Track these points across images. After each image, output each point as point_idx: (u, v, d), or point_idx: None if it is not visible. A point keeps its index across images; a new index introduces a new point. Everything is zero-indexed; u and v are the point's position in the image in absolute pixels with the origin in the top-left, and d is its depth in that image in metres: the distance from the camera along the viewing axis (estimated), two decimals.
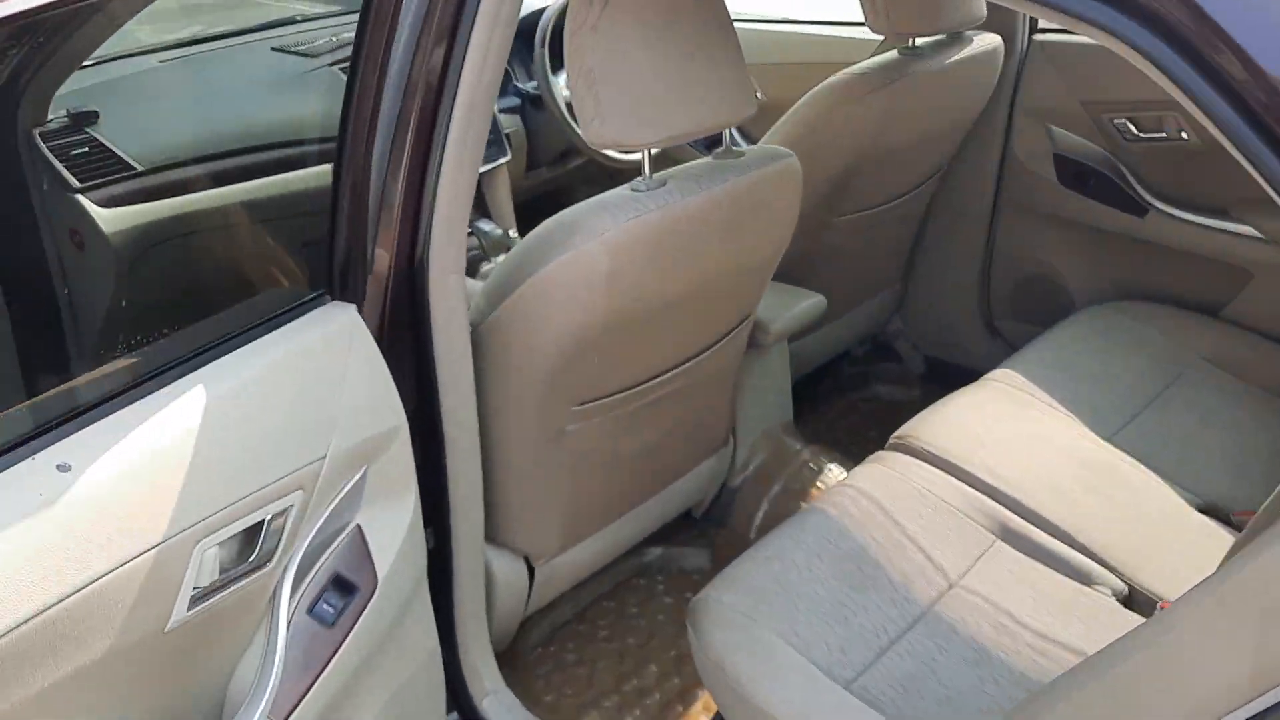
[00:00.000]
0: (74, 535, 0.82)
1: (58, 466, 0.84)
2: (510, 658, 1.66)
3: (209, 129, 2.05)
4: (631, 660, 1.70)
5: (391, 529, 1.13)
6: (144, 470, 0.87)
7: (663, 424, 1.60)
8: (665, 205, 1.27)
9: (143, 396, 0.91)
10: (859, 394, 2.40)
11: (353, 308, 1.11)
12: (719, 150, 1.42)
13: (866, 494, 1.50)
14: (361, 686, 1.13)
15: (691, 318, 1.46)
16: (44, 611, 0.80)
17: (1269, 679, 0.74)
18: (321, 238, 1.19)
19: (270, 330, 1.03)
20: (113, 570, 0.84)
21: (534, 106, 2.35)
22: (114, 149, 1.85)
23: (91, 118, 1.87)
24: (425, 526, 1.26)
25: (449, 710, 1.40)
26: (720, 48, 1.26)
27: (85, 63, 1.88)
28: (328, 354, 1.05)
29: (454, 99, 1.14)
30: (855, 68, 1.83)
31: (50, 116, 1.79)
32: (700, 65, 1.24)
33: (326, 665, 1.03)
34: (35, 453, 0.85)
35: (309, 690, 1.01)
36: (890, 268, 2.27)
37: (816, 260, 2.01)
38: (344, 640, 1.05)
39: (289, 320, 1.05)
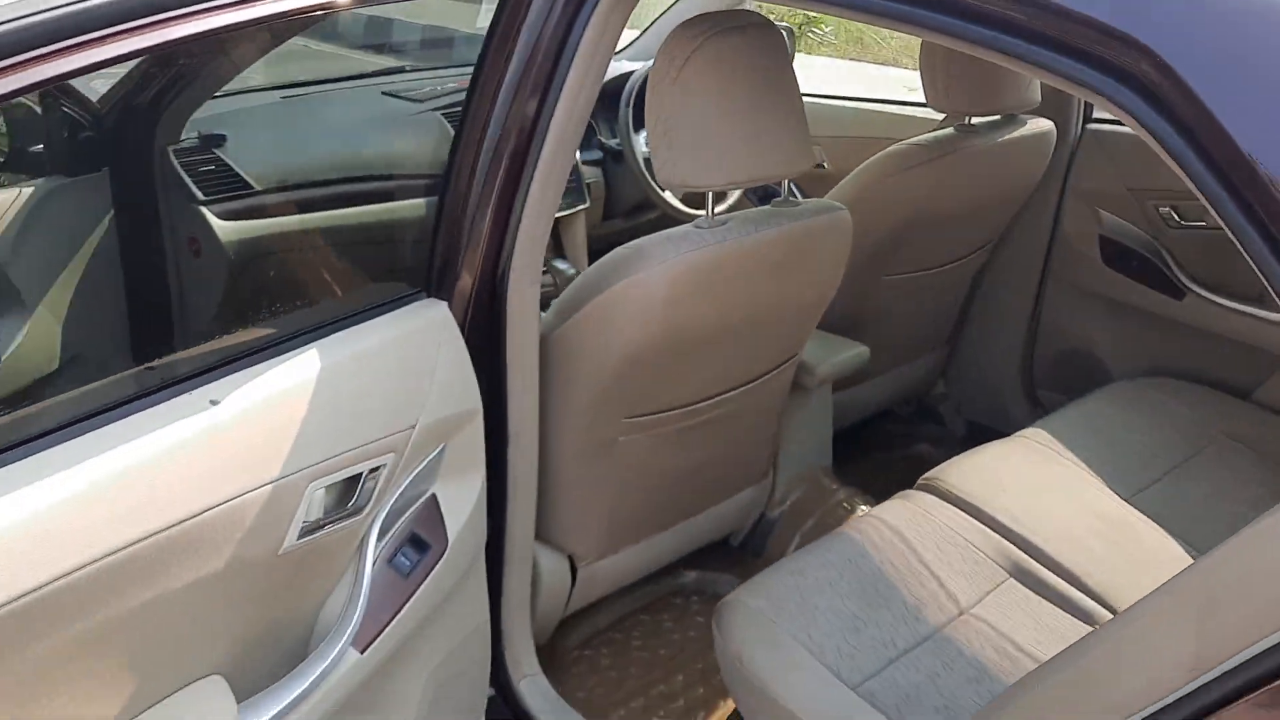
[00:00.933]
0: (218, 457, 0.99)
1: (210, 400, 1.01)
2: (548, 655, 1.79)
3: (321, 159, 2.28)
4: (661, 669, 1.82)
5: (461, 502, 1.28)
6: (272, 415, 1.04)
7: (707, 447, 1.74)
8: (722, 242, 1.43)
9: (276, 356, 1.08)
10: (900, 451, 2.51)
11: (444, 305, 1.28)
12: (777, 200, 1.57)
13: (890, 525, 1.62)
14: (422, 639, 1.28)
15: (739, 349, 1.61)
16: (190, 519, 0.96)
17: (1209, 661, 0.86)
18: (421, 248, 1.37)
19: (378, 316, 1.20)
20: (244, 494, 1.00)
21: (615, 161, 2.55)
22: (237, 169, 2.07)
23: (219, 140, 2.09)
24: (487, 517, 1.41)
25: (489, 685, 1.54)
26: (784, 107, 1.43)
27: (218, 93, 2.10)
28: (422, 340, 1.22)
29: (542, 143, 1.31)
30: (912, 139, 1.98)
31: (183, 137, 2.01)
32: (764, 120, 1.40)
33: (399, 611, 1.18)
34: (194, 388, 1.02)
35: (383, 630, 1.16)
36: (937, 331, 2.40)
37: (865, 317, 2.15)
38: (414, 591, 1.20)
39: (393, 309, 1.23)
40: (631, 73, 2.48)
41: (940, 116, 2.34)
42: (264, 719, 1.04)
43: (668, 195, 2.41)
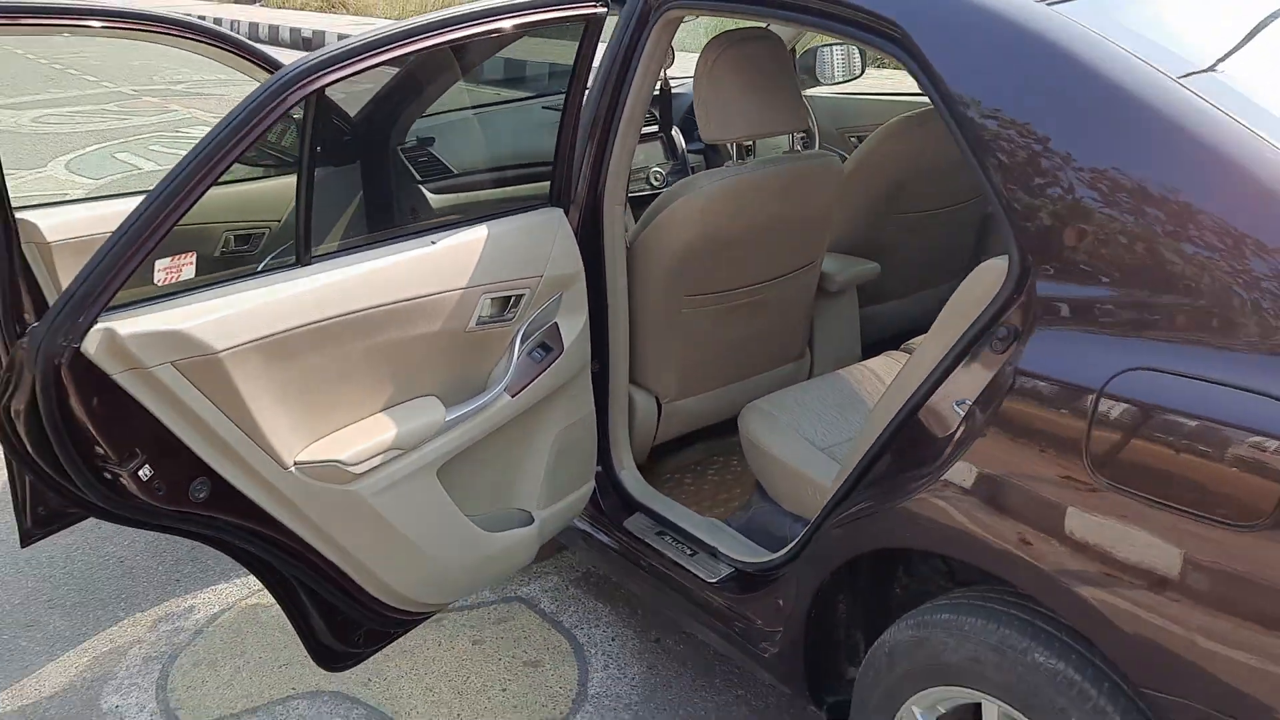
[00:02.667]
0: (434, 269, 1.86)
1: (431, 240, 1.90)
2: (646, 475, 2.61)
3: (500, 151, 3.23)
4: (726, 491, 2.62)
5: (571, 330, 2.13)
6: (462, 253, 1.91)
7: (750, 325, 2.54)
8: (740, 173, 2.25)
9: (467, 224, 1.96)
10: None
11: (560, 211, 2.15)
12: (786, 150, 2.39)
13: (870, 369, 2.39)
14: (549, 409, 2.14)
15: (763, 251, 2.42)
16: (419, 297, 1.84)
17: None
18: (550, 184, 2.25)
19: (524, 213, 2.08)
20: (447, 291, 1.87)
21: (712, 151, 3.42)
22: (443, 160, 3.02)
23: (430, 141, 3.06)
24: (593, 359, 2.26)
25: (597, 464, 2.38)
26: (783, 87, 2.24)
27: (428, 111, 3.05)
28: (547, 228, 2.09)
29: (620, 119, 2.17)
30: (903, 114, 2.75)
31: (407, 139, 2.97)
32: (767, 95, 2.22)
33: (533, 379, 2.04)
34: (424, 234, 1.90)
35: (524, 387, 2.02)
36: (950, 264, 3.11)
37: (881, 246, 2.91)
38: (542, 372, 2.05)
39: (532, 211, 2.10)
40: None
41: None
42: (457, 415, 1.91)
43: None
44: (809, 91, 3.84)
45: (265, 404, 1.64)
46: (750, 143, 2.50)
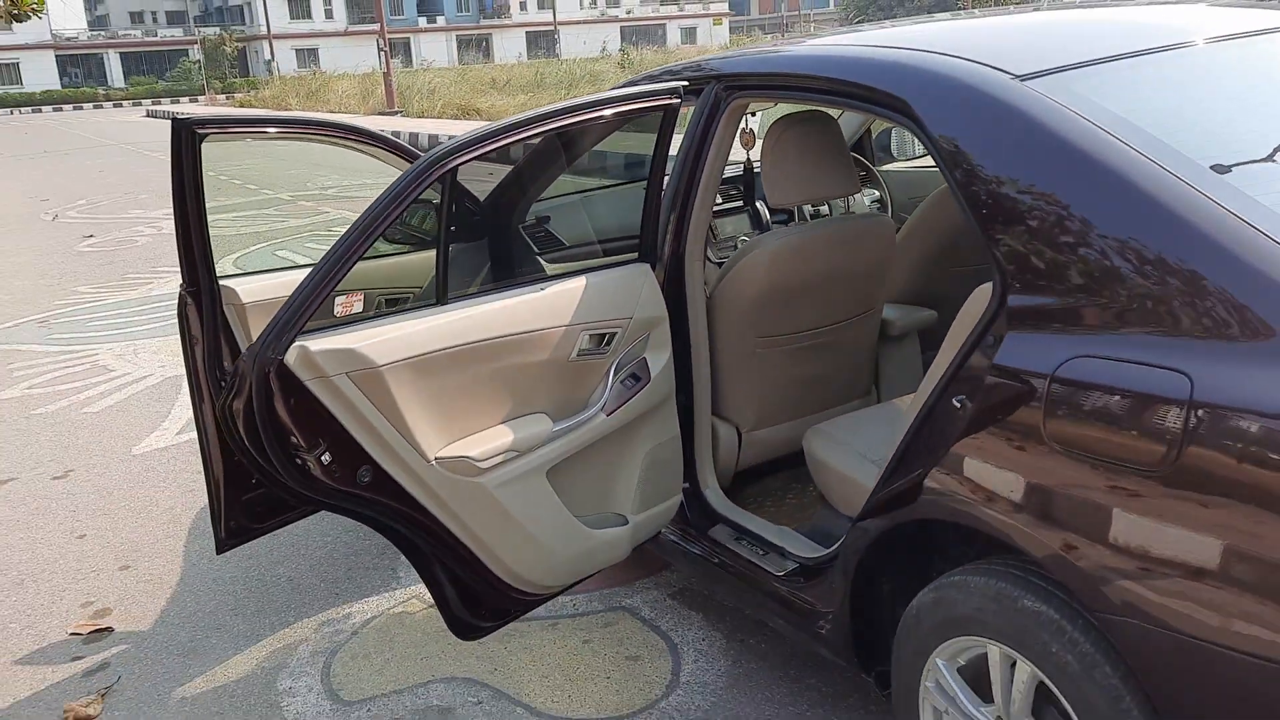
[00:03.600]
0: (543, 309, 2.33)
1: (540, 287, 2.37)
2: (731, 497, 3.00)
3: (601, 226, 3.74)
4: (801, 510, 2.99)
5: (657, 364, 2.57)
6: (567, 295, 2.38)
7: (818, 365, 2.94)
8: (800, 232, 2.69)
9: (570, 275, 2.44)
10: None
11: (648, 266, 2.61)
12: (841, 212, 2.81)
13: None
14: (639, 430, 2.57)
15: (825, 298, 2.82)
16: (531, 331, 2.31)
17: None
18: (639, 244, 2.72)
19: (619, 267, 2.55)
20: (553, 327, 2.34)
21: (788, 216, 3.87)
22: (555, 235, 3.54)
23: (547, 219, 3.58)
24: (679, 391, 2.69)
25: (684, 482, 2.78)
26: (834, 158, 2.67)
27: (543, 196, 3.57)
28: (635, 279, 2.54)
29: (697, 191, 2.63)
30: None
31: (528, 219, 3.49)
32: (821, 166, 2.65)
33: (626, 402, 2.47)
34: (533, 283, 2.38)
35: (618, 409, 2.46)
36: None
37: (940, 297, 3.27)
38: (632, 397, 2.49)
39: (625, 265, 2.57)
40: None
41: None
42: (562, 428, 2.36)
43: None
44: (887, 166, 4.26)
45: (414, 409, 2.13)
46: (820, 206, 2.94)
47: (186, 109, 39.85)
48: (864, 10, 66.59)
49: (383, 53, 27.62)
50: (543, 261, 3.45)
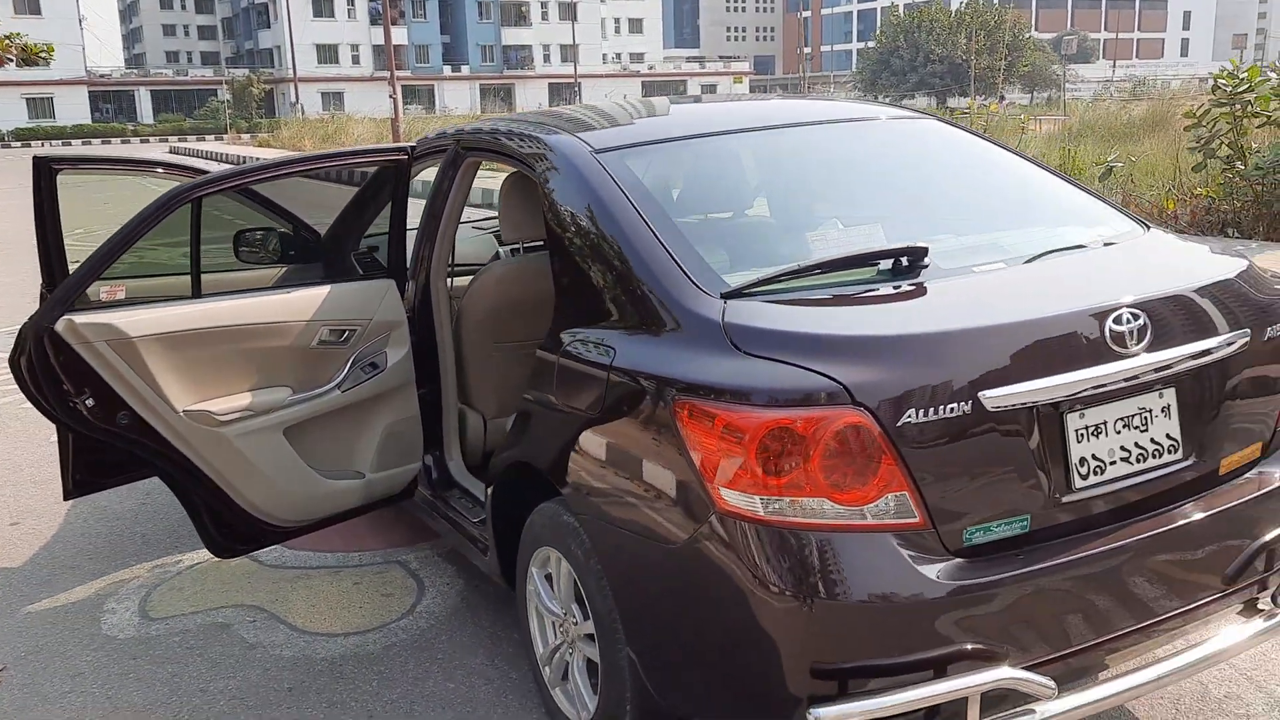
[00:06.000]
0: (290, 308, 3.09)
1: (288, 290, 3.12)
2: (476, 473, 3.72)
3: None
4: None
5: (395, 356, 3.30)
6: (314, 299, 3.13)
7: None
8: (520, 261, 3.45)
9: (318, 284, 3.19)
10: None
11: (393, 281, 3.35)
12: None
13: None
14: (376, 407, 3.29)
15: (538, 313, 3.55)
16: (274, 322, 3.05)
17: None
18: (392, 272, 3.47)
19: (370, 279, 3.30)
20: (296, 321, 3.08)
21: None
22: (382, 261, 4.29)
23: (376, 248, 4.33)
24: (422, 386, 3.42)
25: (426, 453, 3.50)
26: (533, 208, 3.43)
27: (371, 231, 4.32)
28: (379, 290, 3.28)
29: (439, 232, 3.39)
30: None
31: (362, 247, 4.25)
32: (537, 212, 3.41)
33: (360, 384, 3.21)
34: (287, 288, 3.14)
35: (354, 388, 3.19)
36: None
37: None
38: (367, 380, 3.22)
39: (374, 279, 3.32)
40: None
41: None
42: (296, 398, 3.10)
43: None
44: None
45: (164, 372, 2.87)
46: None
47: (197, 146, 41.45)
48: (877, 74, 68.07)
49: (392, 99, 28.86)
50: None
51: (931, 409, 1.96)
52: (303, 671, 3.13)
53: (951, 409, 1.97)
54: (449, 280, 3.51)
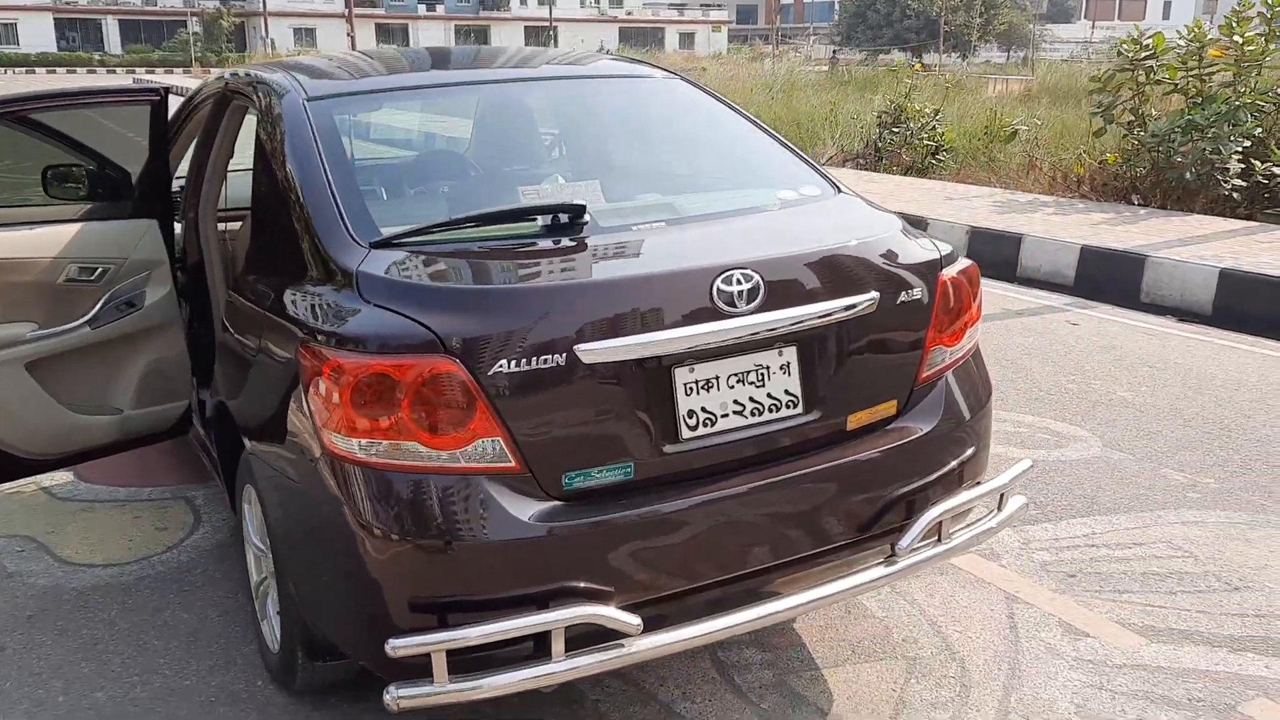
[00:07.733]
0: (36, 244, 3.13)
1: (34, 226, 3.18)
2: None
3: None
4: None
5: (155, 295, 3.36)
6: (62, 237, 3.18)
7: None
8: None
9: (71, 222, 3.25)
10: None
11: (155, 221, 3.40)
12: None
13: None
14: (139, 345, 3.36)
15: None
16: (17, 259, 3.11)
17: None
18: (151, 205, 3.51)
19: (128, 220, 3.36)
20: (40, 257, 3.13)
21: None
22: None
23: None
24: (194, 325, 3.49)
25: (198, 391, 3.58)
26: None
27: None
28: (139, 230, 3.34)
29: (208, 167, 3.44)
30: None
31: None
32: None
33: (115, 321, 3.27)
34: (36, 224, 3.20)
35: (108, 325, 3.26)
36: None
37: None
38: (122, 318, 3.29)
39: (133, 219, 3.37)
40: None
41: None
42: (40, 334, 3.16)
43: None
44: None
45: None
46: None
47: (163, 79, 40.65)
48: (853, 27, 67.48)
49: (350, 36, 28.56)
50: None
51: (525, 360, 2.05)
52: (49, 600, 3.23)
53: (545, 360, 2.06)
54: (224, 223, 3.56)
